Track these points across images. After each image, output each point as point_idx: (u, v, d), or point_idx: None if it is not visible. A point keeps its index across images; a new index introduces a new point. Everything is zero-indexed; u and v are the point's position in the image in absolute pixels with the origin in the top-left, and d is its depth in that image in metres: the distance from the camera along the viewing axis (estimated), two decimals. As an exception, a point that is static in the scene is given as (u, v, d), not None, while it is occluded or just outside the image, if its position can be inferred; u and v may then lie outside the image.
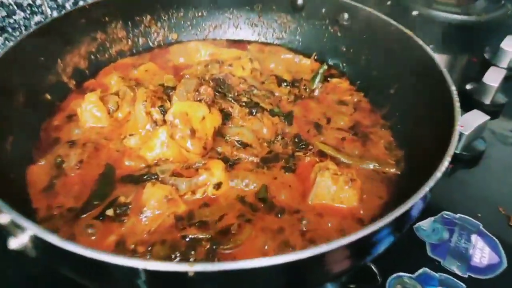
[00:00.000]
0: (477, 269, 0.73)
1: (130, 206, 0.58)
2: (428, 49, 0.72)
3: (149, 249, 0.55)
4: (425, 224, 0.80)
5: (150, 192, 0.58)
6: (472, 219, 0.81)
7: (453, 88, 0.61)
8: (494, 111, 1.11)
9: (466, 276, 0.71)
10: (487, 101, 1.12)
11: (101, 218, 0.59)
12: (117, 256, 0.40)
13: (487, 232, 0.79)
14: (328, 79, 0.89)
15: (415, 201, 0.45)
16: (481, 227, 0.80)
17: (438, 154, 0.53)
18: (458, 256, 0.75)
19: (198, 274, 0.39)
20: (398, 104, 0.78)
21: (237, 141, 0.70)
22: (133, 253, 0.54)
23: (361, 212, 0.64)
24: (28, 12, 1.01)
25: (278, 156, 0.70)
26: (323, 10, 0.93)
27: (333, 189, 0.63)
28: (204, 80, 0.75)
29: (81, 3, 1.09)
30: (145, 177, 0.64)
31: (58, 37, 0.81)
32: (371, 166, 0.70)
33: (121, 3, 0.91)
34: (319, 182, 0.64)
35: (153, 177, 0.63)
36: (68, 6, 1.08)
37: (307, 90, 0.87)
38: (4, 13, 0.97)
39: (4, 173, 0.62)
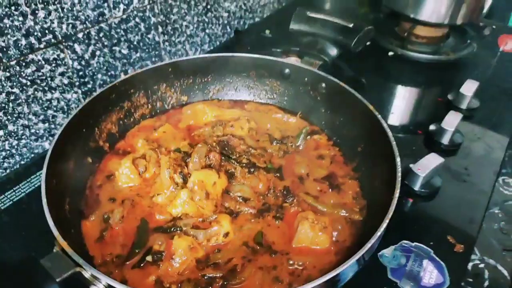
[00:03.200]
0: (425, 288, 0.92)
1: (163, 254, 0.80)
2: (385, 124, 0.93)
3: (179, 286, 0.77)
4: (387, 251, 1.00)
5: (178, 243, 0.80)
6: (425, 247, 0.98)
7: (399, 164, 0.82)
8: (452, 150, 1.32)
9: (416, 294, 0.90)
10: (446, 142, 1.32)
11: (142, 263, 0.80)
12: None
13: (436, 258, 0.97)
14: (309, 136, 1.11)
15: (352, 261, 0.67)
16: (432, 253, 0.97)
17: (383, 215, 0.74)
18: (412, 278, 0.92)
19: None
20: (364, 161, 1.00)
21: (239, 197, 0.92)
22: (169, 290, 0.76)
23: (333, 249, 0.85)
24: (54, 65, 1.15)
25: (270, 207, 0.92)
26: (306, 79, 1.13)
27: (311, 235, 0.84)
28: (212, 146, 0.97)
29: (97, 52, 1.26)
30: (172, 229, 0.85)
31: (95, 112, 1.02)
32: (342, 213, 0.92)
33: (142, 77, 1.11)
34: (300, 230, 0.85)
35: (178, 229, 0.85)
36: (86, 56, 1.23)
37: (293, 146, 1.09)
38: (34, 68, 1.11)
39: (68, 230, 0.83)
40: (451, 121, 1.32)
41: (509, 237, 1.07)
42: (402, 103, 1.60)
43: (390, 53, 1.81)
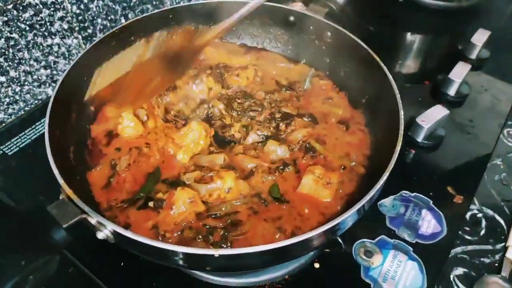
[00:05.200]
0: (423, 236, 0.94)
1: (164, 202, 0.81)
2: (390, 76, 0.89)
3: (181, 232, 0.78)
4: (387, 201, 1.02)
5: (179, 195, 0.80)
6: (425, 197, 1.02)
7: (402, 118, 0.79)
8: (458, 101, 1.31)
9: (414, 241, 0.93)
10: (452, 93, 1.30)
11: (144, 207, 0.82)
12: (164, 243, 0.63)
13: (435, 208, 1.00)
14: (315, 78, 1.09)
15: (352, 212, 0.68)
16: (431, 203, 1.01)
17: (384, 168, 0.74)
18: (410, 227, 0.96)
19: (220, 255, 0.63)
20: (368, 113, 0.99)
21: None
22: (163, 238, 0.76)
23: (336, 201, 0.85)
24: (52, 9, 1.13)
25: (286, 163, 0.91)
26: (311, 27, 1.09)
27: (313, 188, 0.85)
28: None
29: None
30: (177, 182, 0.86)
31: (95, 59, 0.99)
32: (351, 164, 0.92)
33: (143, 24, 1.07)
34: (304, 181, 0.85)
35: (182, 184, 0.85)
36: (85, 0, 1.20)
37: (302, 90, 1.07)
38: (32, 12, 1.08)
39: (74, 177, 0.84)
40: (459, 72, 1.31)
41: (509, 188, 1.10)
42: (410, 52, 1.57)
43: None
